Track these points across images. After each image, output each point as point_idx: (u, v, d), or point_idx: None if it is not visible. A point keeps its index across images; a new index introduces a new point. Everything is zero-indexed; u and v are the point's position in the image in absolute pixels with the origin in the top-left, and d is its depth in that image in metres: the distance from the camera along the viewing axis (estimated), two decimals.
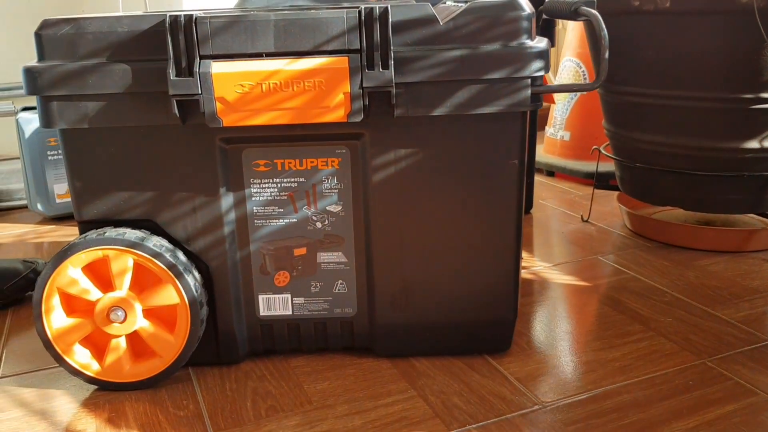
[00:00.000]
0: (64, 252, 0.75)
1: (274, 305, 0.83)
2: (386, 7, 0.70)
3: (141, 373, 0.80)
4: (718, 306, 0.99)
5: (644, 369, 0.83)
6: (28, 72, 0.71)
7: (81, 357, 0.79)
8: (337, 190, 0.79)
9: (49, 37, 0.71)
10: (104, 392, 0.81)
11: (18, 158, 1.59)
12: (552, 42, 1.32)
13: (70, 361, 0.79)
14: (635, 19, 1.11)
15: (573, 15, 0.79)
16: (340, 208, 0.79)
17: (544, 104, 1.92)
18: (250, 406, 0.78)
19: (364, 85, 0.70)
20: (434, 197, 0.78)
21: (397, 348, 0.85)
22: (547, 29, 1.31)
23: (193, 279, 0.77)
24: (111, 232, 0.76)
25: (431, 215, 0.79)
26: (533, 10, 0.75)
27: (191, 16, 0.70)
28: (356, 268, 0.81)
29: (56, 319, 0.78)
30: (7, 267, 1.07)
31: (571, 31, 1.67)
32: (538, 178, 1.69)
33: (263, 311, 0.83)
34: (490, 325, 0.84)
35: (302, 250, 0.81)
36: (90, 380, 0.80)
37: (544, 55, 0.73)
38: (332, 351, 0.87)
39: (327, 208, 0.79)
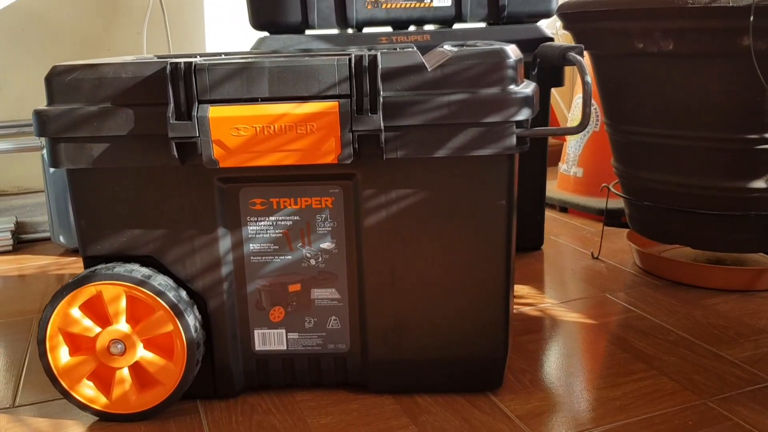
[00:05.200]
0: (60, 293, 0.79)
1: (269, 340, 0.85)
2: (375, 55, 0.73)
3: (147, 403, 0.82)
4: (723, 346, 0.99)
5: (644, 408, 0.83)
6: (38, 115, 0.76)
7: (88, 391, 0.82)
8: (330, 228, 0.81)
9: (58, 82, 0.76)
10: (113, 424, 0.83)
11: (42, 191, 1.65)
12: (561, 82, 1.34)
13: (77, 396, 0.82)
14: (640, 60, 1.12)
15: (562, 60, 0.81)
16: (333, 245, 0.82)
17: (557, 140, 1.94)
18: None
19: (354, 129, 0.73)
20: (424, 237, 0.80)
21: (389, 384, 0.86)
22: (556, 69, 1.33)
23: (179, 298, 0.80)
24: (101, 268, 0.79)
25: (421, 254, 0.81)
26: (519, 56, 0.77)
27: (191, 63, 0.73)
28: (349, 305, 0.84)
29: (60, 356, 0.81)
30: None
31: None
32: (551, 214, 1.70)
33: (259, 346, 0.85)
34: (481, 362, 0.85)
35: (297, 287, 0.83)
36: (97, 414, 0.82)
37: (529, 100, 0.75)
38: (336, 386, 0.89)
39: (321, 245, 0.82)
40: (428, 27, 1.43)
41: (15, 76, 1.68)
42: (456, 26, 1.39)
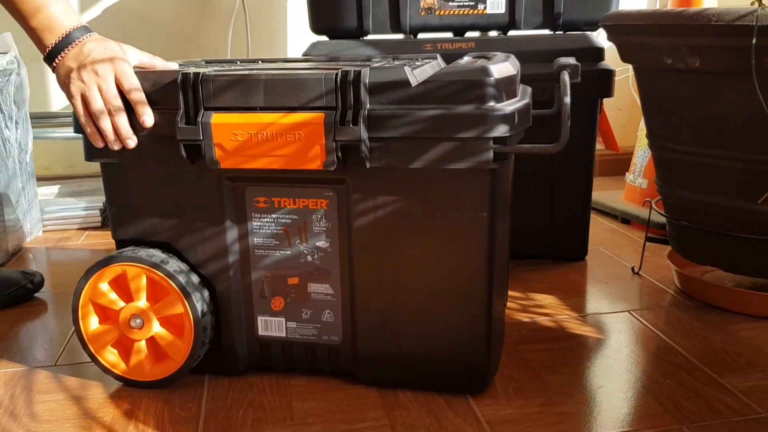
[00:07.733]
0: (91, 269, 0.91)
1: (270, 327, 0.93)
2: (360, 71, 0.78)
3: (159, 373, 0.92)
4: (727, 373, 0.96)
5: (616, 427, 0.84)
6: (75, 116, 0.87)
7: (111, 357, 0.93)
8: (325, 229, 0.88)
9: None
10: (129, 388, 0.94)
11: None
12: (609, 92, 1.32)
13: (101, 361, 0.93)
14: (671, 76, 1.11)
15: (556, 78, 0.83)
16: (327, 244, 0.88)
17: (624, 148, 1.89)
18: (241, 415, 0.88)
19: (337, 138, 0.79)
20: (408, 241, 0.85)
21: (377, 377, 0.92)
22: (604, 79, 1.31)
23: (190, 283, 0.89)
24: (127, 251, 0.90)
25: (406, 257, 0.86)
26: (507, 74, 0.80)
27: (198, 74, 0.82)
28: (342, 300, 0.90)
29: (90, 324, 0.92)
30: (8, 276, 1.22)
31: None
32: (612, 225, 1.67)
33: (261, 331, 0.93)
34: (463, 366, 0.89)
35: (295, 280, 0.90)
36: (117, 378, 0.94)
37: (508, 117, 0.78)
38: (332, 375, 0.95)
39: (317, 244, 0.89)
40: (492, 33, 1.45)
41: None
42: (511, 33, 1.40)
